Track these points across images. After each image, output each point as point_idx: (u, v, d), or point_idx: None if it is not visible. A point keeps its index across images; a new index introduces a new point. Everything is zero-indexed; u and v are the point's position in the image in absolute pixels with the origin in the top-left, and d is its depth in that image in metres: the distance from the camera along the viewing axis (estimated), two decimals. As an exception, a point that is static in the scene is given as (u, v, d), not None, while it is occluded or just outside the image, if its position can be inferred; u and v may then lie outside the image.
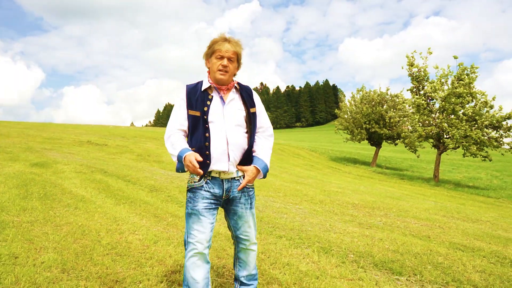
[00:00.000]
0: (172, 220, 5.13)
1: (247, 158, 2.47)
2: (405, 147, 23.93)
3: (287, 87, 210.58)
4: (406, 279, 3.59)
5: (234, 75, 2.51)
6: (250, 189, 2.53)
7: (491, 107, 19.13)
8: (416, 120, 20.37)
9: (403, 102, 24.17)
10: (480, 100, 19.15)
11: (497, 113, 18.76)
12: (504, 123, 18.74)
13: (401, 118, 24.46)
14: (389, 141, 27.54)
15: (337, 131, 29.90)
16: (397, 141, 26.79)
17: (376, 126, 26.62)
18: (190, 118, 2.40)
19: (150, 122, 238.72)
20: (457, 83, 19.17)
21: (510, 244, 5.54)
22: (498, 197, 16.31)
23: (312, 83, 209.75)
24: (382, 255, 4.23)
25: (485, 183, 22.38)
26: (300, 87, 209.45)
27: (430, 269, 3.89)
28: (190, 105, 2.41)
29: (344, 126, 28.55)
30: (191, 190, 2.43)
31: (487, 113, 18.97)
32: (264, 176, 2.53)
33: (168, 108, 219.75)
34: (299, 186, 10.75)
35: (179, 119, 2.43)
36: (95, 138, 21.74)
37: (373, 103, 27.16)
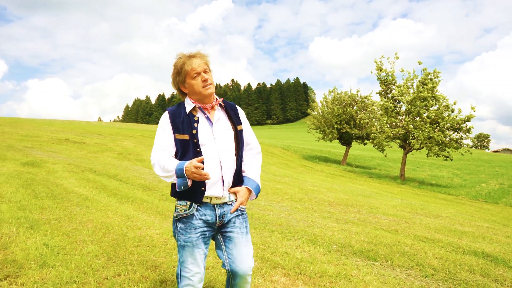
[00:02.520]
0: (176, 217, 5.79)
1: (238, 179, 2.36)
2: (374, 146, 25.29)
3: (258, 84, 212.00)
4: (380, 264, 4.43)
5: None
6: (244, 212, 2.41)
7: (452, 110, 20.62)
8: (384, 121, 21.64)
9: (373, 105, 25.46)
10: (442, 103, 20.60)
11: (457, 116, 20.24)
12: (464, 125, 20.25)
13: (371, 120, 25.78)
14: (358, 141, 28.88)
15: (310, 130, 31.01)
16: (366, 141, 28.20)
17: (347, 126, 27.87)
18: (178, 142, 2.25)
19: (118, 117, 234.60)
20: (422, 87, 20.54)
21: (464, 237, 6.52)
22: (458, 195, 17.72)
23: (283, 81, 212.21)
24: (359, 245, 5.06)
25: (446, 181, 23.96)
26: (271, 84, 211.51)
27: (398, 256, 4.74)
28: (176, 129, 2.26)
29: (316, 125, 29.70)
30: (181, 220, 2.27)
31: (448, 116, 20.43)
32: (256, 197, 2.42)
33: (137, 103, 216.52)
34: (278, 185, 11.53)
35: (166, 143, 2.27)
36: (72, 135, 21.83)
37: (344, 104, 28.39)
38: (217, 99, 2.35)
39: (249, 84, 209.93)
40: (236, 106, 2.49)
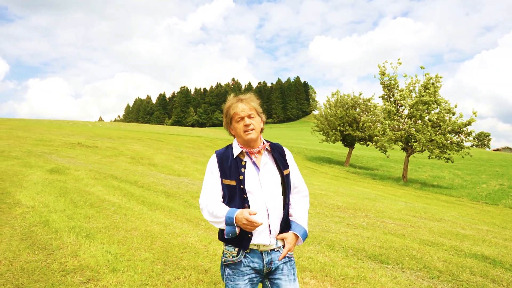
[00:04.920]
0: (205, 224, 6.40)
1: (285, 225, 2.34)
2: (376, 148, 25.92)
3: (259, 83, 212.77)
4: (392, 267, 5.05)
5: (261, 131, 2.40)
6: (291, 258, 2.39)
7: (454, 113, 21.22)
8: (387, 125, 22.26)
9: (375, 108, 26.07)
10: (443, 107, 21.21)
11: (458, 120, 20.86)
12: (464, 129, 20.85)
13: (373, 123, 26.42)
14: (361, 143, 29.51)
15: (313, 132, 31.64)
16: (368, 143, 28.83)
17: (350, 128, 28.51)
18: (225, 187, 2.29)
19: (119, 116, 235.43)
20: (424, 91, 21.16)
21: (465, 240, 7.14)
22: (459, 196, 18.31)
23: (283, 80, 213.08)
24: (372, 250, 5.68)
25: (447, 182, 24.57)
26: (271, 83, 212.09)
27: (407, 259, 5.36)
28: (223, 174, 2.30)
29: (320, 127, 30.35)
30: (229, 266, 2.29)
31: (449, 119, 21.04)
32: (303, 241, 2.41)
33: (138, 103, 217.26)
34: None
35: (213, 188, 2.32)
36: (83, 139, 22.49)
37: (347, 106, 29.02)
38: (263, 143, 2.39)
39: (249, 83, 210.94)
40: (284, 148, 2.50)
